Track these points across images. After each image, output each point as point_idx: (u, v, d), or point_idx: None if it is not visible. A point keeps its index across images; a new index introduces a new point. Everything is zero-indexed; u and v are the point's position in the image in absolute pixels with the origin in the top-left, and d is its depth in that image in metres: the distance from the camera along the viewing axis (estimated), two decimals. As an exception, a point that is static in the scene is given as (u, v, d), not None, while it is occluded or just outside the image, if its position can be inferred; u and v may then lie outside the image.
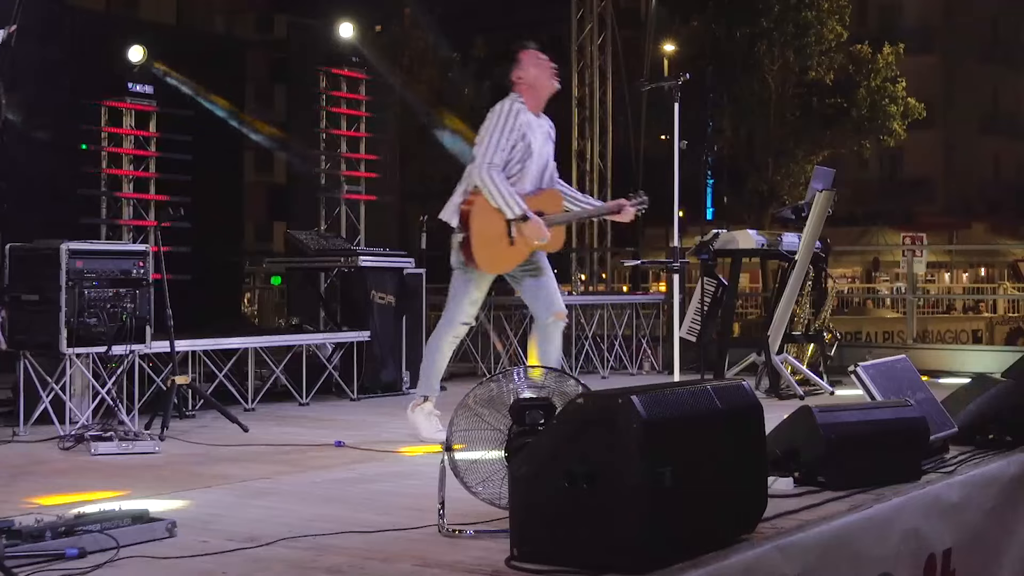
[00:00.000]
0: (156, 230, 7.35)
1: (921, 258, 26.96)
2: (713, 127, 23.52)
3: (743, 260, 9.38)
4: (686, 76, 6.72)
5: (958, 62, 42.22)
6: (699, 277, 9.31)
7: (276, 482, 5.02)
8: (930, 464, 4.73)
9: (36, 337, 6.48)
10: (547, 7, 20.72)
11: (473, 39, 27.58)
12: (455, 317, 6.27)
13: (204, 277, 9.38)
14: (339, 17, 10.18)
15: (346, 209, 10.18)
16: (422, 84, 23.53)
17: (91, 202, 8.82)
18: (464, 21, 31.58)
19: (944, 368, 10.65)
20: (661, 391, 3.32)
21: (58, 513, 3.78)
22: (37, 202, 8.32)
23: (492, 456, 3.77)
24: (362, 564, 3.42)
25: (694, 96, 10.43)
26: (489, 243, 6.06)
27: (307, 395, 8.28)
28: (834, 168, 9.51)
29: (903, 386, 5.08)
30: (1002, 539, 4.94)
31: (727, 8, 25.01)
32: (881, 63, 24.12)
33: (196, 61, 10.13)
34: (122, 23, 15.92)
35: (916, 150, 38.25)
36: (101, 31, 10.25)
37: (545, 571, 3.18)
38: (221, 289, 10.92)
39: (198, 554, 3.52)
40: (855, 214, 36.58)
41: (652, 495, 3.11)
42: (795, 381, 8.49)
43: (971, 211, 40.56)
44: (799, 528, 3.68)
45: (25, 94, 7.65)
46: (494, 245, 6.06)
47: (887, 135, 24.43)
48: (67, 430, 6.30)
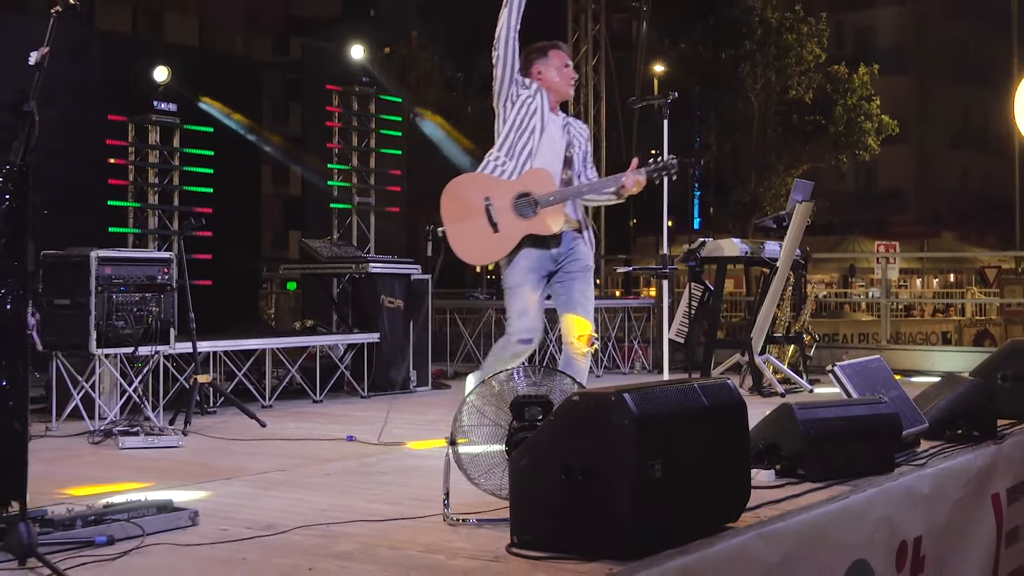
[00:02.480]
0: (179, 238, 7.36)
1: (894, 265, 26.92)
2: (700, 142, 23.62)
3: (728, 267, 9.37)
4: (675, 95, 6.69)
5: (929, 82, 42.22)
6: (687, 283, 9.31)
7: (291, 474, 5.01)
8: (903, 457, 4.73)
9: (68, 339, 6.49)
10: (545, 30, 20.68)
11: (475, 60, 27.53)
12: (509, 333, 5.26)
13: (224, 282, 9.39)
14: (350, 40, 10.20)
15: (357, 219, 10.19)
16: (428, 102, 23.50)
17: (119, 212, 8.83)
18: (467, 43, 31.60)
19: (916, 367, 10.66)
20: (651, 389, 3.32)
21: (88, 503, 3.79)
22: (68, 212, 8.32)
23: (494, 450, 3.77)
24: (372, 551, 3.42)
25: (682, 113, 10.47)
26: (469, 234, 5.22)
27: (321, 393, 8.28)
28: (813, 181, 9.52)
29: (877, 384, 5.08)
30: (969, 527, 4.94)
31: (713, 31, 25.06)
32: (857, 83, 24.09)
33: (217, 81, 10.15)
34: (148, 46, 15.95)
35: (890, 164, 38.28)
36: (128, 53, 10.29)
37: (543, 557, 3.18)
38: (240, 294, 10.92)
39: (219, 541, 3.52)
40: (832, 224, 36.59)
41: (643, 486, 3.11)
42: (776, 380, 8.49)
43: (941, 221, 40.58)
44: (780, 517, 3.67)
45: (57, 111, 7.67)
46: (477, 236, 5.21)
47: (862, 150, 24.39)
48: (96, 425, 6.30)
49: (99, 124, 8.91)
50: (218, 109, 9.84)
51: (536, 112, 5.33)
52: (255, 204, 11.75)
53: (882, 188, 42.31)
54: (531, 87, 5.37)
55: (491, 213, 5.18)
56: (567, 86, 5.58)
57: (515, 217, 5.20)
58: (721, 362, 9.10)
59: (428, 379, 9.28)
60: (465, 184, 5.33)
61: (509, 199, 5.21)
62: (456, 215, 5.24)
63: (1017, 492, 5.49)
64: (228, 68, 12.79)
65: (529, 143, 5.29)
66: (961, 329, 23.19)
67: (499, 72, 5.33)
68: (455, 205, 5.26)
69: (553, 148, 5.36)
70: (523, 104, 5.33)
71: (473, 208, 5.21)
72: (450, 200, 5.28)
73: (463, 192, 5.28)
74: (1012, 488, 5.42)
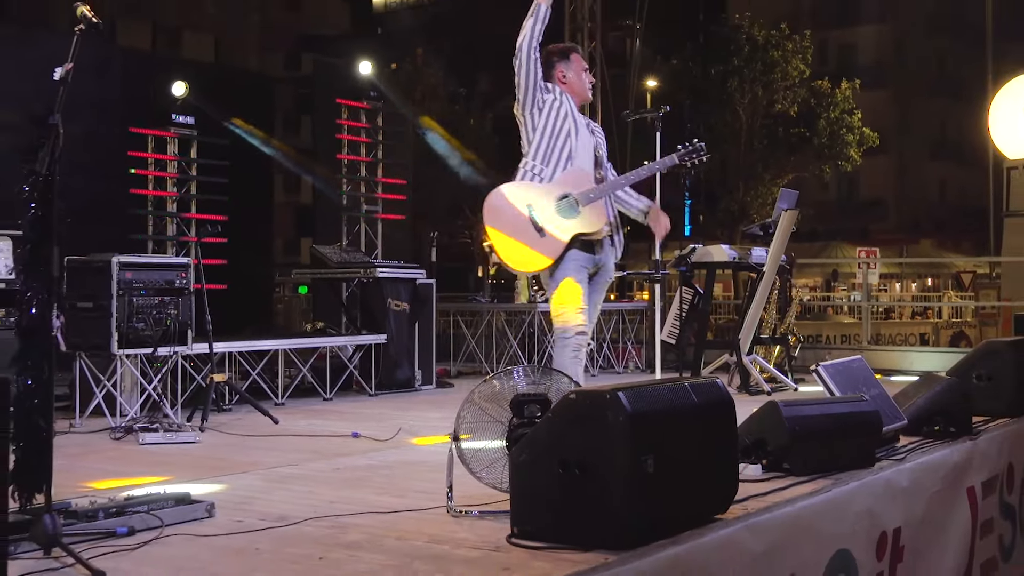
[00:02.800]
0: (196, 245, 7.35)
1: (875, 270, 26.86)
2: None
3: (717, 272, 9.38)
4: (667, 108, 6.70)
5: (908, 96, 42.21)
6: (678, 287, 9.32)
7: (303, 468, 5.01)
8: (883, 452, 4.73)
9: (90, 340, 6.50)
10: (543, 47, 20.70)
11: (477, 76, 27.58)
12: (564, 329, 5.08)
13: (239, 286, 9.38)
14: (359, 56, 10.20)
15: (365, 226, 10.19)
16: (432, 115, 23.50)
17: (139, 220, 8.83)
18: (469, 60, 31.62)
19: (895, 367, 10.66)
20: (644, 388, 3.32)
21: (110, 496, 3.79)
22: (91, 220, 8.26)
23: (495, 445, 3.76)
24: (379, 541, 3.42)
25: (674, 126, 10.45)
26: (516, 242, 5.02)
27: (330, 391, 8.28)
28: (797, 190, 9.53)
29: (859, 383, 5.07)
30: (945, 519, 4.94)
31: (703, 48, 25.11)
32: (839, 97, 24.11)
33: (232, 95, 10.15)
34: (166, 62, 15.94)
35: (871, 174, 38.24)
36: (148, 69, 10.28)
37: (542, 547, 3.18)
38: (254, 297, 10.93)
39: (234, 532, 3.53)
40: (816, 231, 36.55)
41: (636, 480, 3.11)
42: (763, 379, 8.49)
43: (919, 229, 40.57)
44: (767, 509, 3.67)
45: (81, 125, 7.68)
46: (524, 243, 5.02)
47: (845, 161, 24.40)
48: (118, 422, 6.31)
49: (120, 137, 8.90)
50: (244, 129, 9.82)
51: (567, 115, 5.21)
52: (268, 212, 11.76)
53: (863, 197, 42.29)
54: (554, 91, 5.24)
55: (535, 219, 5.02)
56: (587, 90, 5.45)
57: (561, 219, 5.06)
58: (710, 362, 9.10)
59: (432, 378, 9.28)
60: (504, 196, 5.10)
61: (552, 202, 5.07)
62: (501, 228, 5.03)
63: (991, 486, 5.49)
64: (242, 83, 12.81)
65: (567, 146, 5.16)
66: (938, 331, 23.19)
67: (522, 80, 5.16)
68: (497, 218, 5.04)
69: (586, 149, 5.26)
70: (552, 109, 5.19)
71: (517, 218, 5.02)
72: (492, 214, 5.05)
73: (503, 204, 5.06)
74: (986, 482, 5.42)
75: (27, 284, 3.36)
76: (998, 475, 5.59)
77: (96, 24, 3.62)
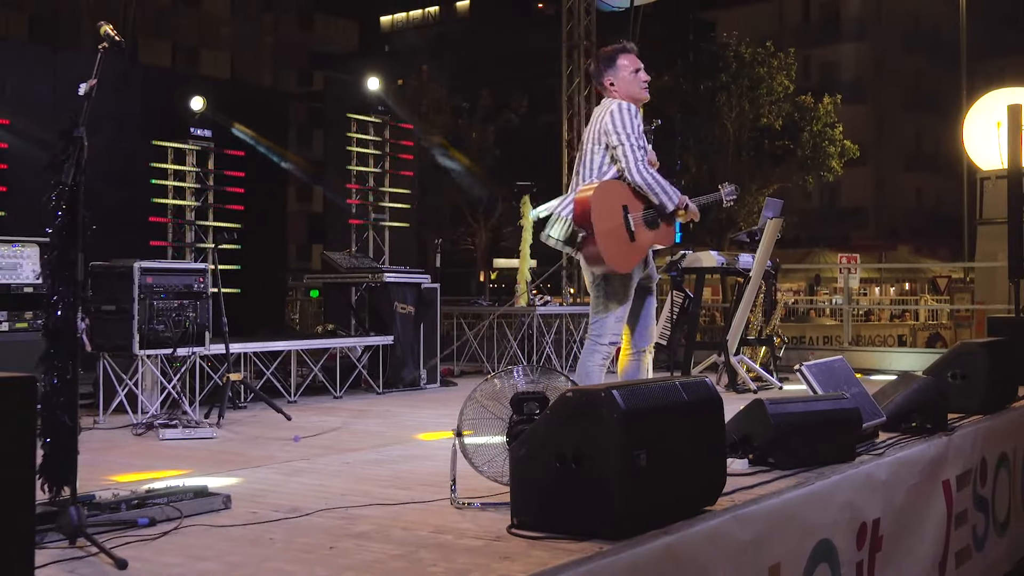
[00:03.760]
0: (213, 251, 7.35)
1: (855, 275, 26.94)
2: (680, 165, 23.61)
3: (706, 276, 9.38)
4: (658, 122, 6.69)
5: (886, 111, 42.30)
6: (669, 290, 9.33)
7: (314, 462, 5.01)
8: (863, 447, 4.73)
9: (113, 341, 6.50)
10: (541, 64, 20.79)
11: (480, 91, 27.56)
12: (599, 336, 4.94)
13: (253, 291, 9.40)
14: (368, 73, 10.22)
15: (373, 234, 10.19)
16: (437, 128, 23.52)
17: (159, 228, 8.84)
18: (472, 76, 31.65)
19: (875, 367, 10.66)
20: (637, 386, 3.32)
21: (131, 488, 3.79)
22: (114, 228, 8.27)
23: (495, 441, 3.76)
24: (387, 531, 3.42)
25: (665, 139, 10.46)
26: (613, 237, 4.83)
27: (340, 389, 8.28)
28: (782, 199, 9.54)
29: (840, 382, 5.07)
30: (922, 510, 4.93)
31: (692, 65, 25.14)
32: (822, 111, 24.11)
33: (247, 109, 10.16)
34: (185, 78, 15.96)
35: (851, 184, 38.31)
36: (168, 85, 10.31)
37: (540, 537, 3.18)
38: (268, 301, 10.93)
39: (249, 523, 3.53)
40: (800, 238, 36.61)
41: (630, 473, 3.11)
42: (749, 378, 8.49)
43: (897, 236, 40.63)
44: (753, 501, 3.67)
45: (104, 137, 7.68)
46: (618, 241, 4.85)
47: (827, 171, 24.40)
48: (139, 419, 6.31)
49: (142, 149, 8.92)
50: (247, 134, 9.85)
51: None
52: (281, 220, 11.76)
53: (844, 206, 42.34)
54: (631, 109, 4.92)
55: (629, 222, 4.86)
56: (640, 90, 5.08)
57: (646, 229, 4.93)
58: (700, 362, 9.10)
59: (437, 377, 9.27)
60: (609, 191, 4.90)
61: (640, 210, 4.92)
62: (604, 218, 4.81)
63: (965, 479, 5.49)
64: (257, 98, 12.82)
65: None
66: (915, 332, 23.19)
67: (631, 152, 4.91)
68: (603, 208, 4.82)
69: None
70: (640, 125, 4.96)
71: (616, 214, 4.85)
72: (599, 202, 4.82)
73: (608, 198, 4.87)
74: (961, 475, 5.42)
75: (53, 288, 3.37)
76: (972, 469, 5.59)
77: (119, 43, 3.63)
